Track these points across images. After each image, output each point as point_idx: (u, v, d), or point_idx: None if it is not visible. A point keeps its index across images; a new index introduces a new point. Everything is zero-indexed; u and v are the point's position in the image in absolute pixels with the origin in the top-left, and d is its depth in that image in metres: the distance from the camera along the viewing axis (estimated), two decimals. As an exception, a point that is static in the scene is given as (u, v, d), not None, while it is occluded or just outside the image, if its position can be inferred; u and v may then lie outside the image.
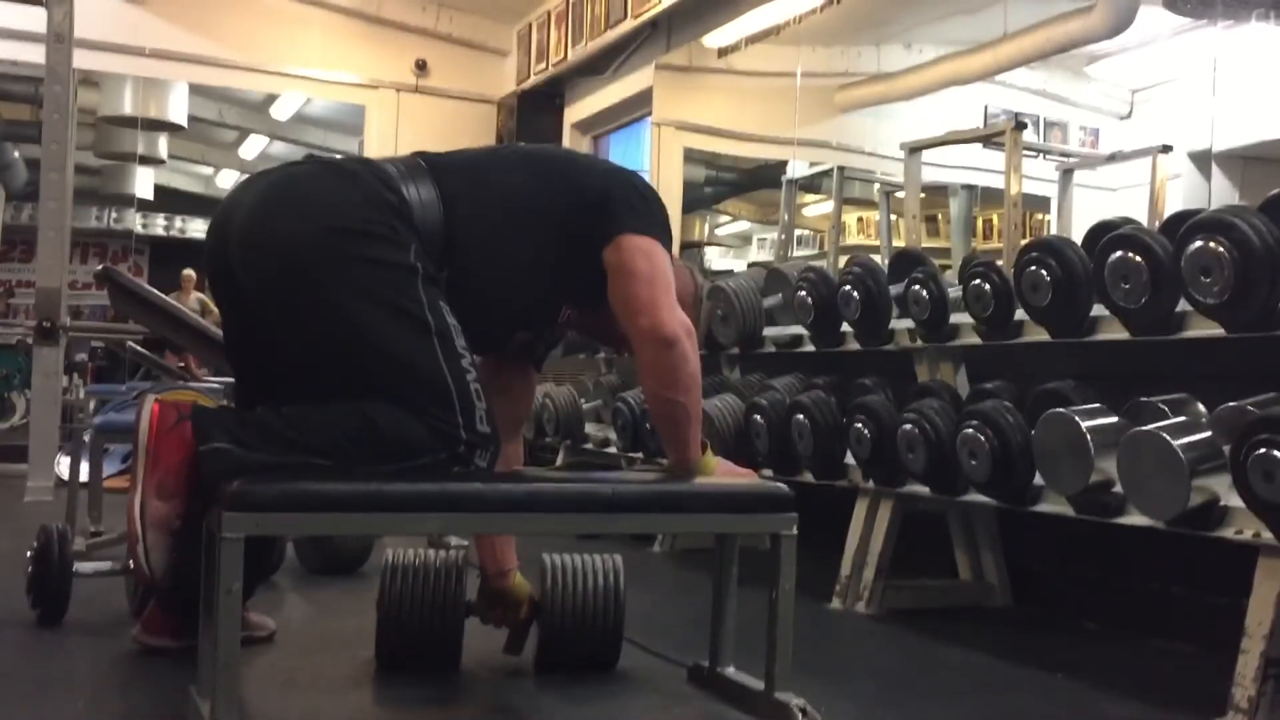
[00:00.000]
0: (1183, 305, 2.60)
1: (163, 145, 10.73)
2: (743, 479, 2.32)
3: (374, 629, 2.43)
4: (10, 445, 6.54)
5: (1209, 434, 2.45)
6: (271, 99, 9.92)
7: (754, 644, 2.17)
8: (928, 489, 3.12)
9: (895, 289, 3.45)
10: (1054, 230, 5.57)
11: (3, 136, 10.59)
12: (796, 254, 6.70)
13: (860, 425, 3.24)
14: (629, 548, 4.11)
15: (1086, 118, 6.30)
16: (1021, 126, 4.89)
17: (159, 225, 12.07)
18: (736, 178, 8.04)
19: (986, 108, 6.11)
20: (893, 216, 6.24)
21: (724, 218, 8.38)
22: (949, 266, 4.61)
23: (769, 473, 3.54)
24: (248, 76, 8.34)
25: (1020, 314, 3.01)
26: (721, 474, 2.33)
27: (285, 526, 2.25)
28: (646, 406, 3.04)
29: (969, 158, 5.81)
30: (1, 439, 7.62)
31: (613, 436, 4.67)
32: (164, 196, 11.55)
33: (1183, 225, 2.54)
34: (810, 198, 7.11)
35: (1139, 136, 5.73)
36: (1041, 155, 5.78)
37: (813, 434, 3.41)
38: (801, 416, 3.45)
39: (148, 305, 3.20)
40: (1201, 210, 2.69)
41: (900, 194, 5.75)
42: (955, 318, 3.27)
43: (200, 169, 12.46)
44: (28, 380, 6.58)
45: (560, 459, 5.06)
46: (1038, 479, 2.77)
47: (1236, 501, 2.32)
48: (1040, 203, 5.75)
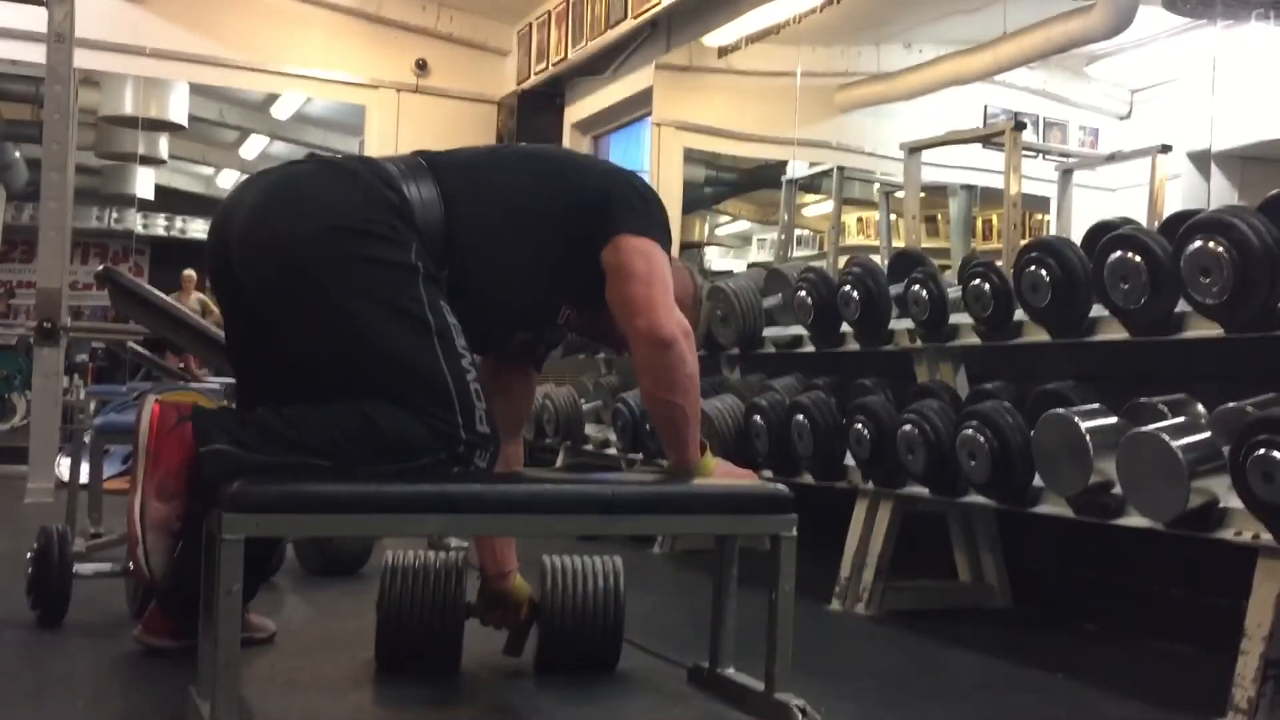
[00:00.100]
0: (1182, 305, 2.60)
1: (163, 145, 10.73)
2: (742, 480, 2.33)
3: (374, 630, 2.43)
4: (11, 446, 6.55)
5: (1208, 435, 2.45)
6: (272, 99, 9.92)
7: (754, 644, 2.17)
8: (927, 490, 3.12)
9: (895, 289, 3.45)
10: (1053, 230, 5.58)
11: (3, 136, 10.59)
12: (796, 254, 6.70)
13: (860, 426, 3.24)
14: (629, 549, 4.11)
15: (1086, 118, 6.30)
16: (1021, 126, 4.89)
17: (159, 225, 12.08)
18: (736, 178, 8.04)
19: (986, 108, 6.11)
20: (892, 216, 6.24)
21: (724, 218, 8.38)
22: (949, 267, 4.61)
23: (769, 474, 3.54)
24: (248, 76, 8.34)
25: (1020, 314, 3.01)
26: (721, 475, 2.33)
27: (285, 528, 2.25)
28: (645, 408, 3.04)
29: (969, 158, 5.81)
30: (2, 440, 7.64)
31: (613, 438, 4.67)
32: (165, 196, 11.56)
33: (1182, 225, 2.54)
34: (810, 198, 7.11)
35: (1138, 136, 5.74)
36: (1041, 155, 5.78)
37: (812, 435, 3.41)
38: (801, 417, 3.45)
39: (148, 306, 3.20)
40: (1201, 210, 2.69)
41: (900, 194, 5.76)
42: (955, 318, 3.27)
43: (201, 169, 12.47)
44: (28, 381, 6.58)
45: (560, 460, 5.06)
46: (1037, 480, 2.77)
47: (1236, 503, 2.32)
48: (1040, 203, 5.75)
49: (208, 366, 5.61)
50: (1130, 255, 2.61)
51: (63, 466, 5.41)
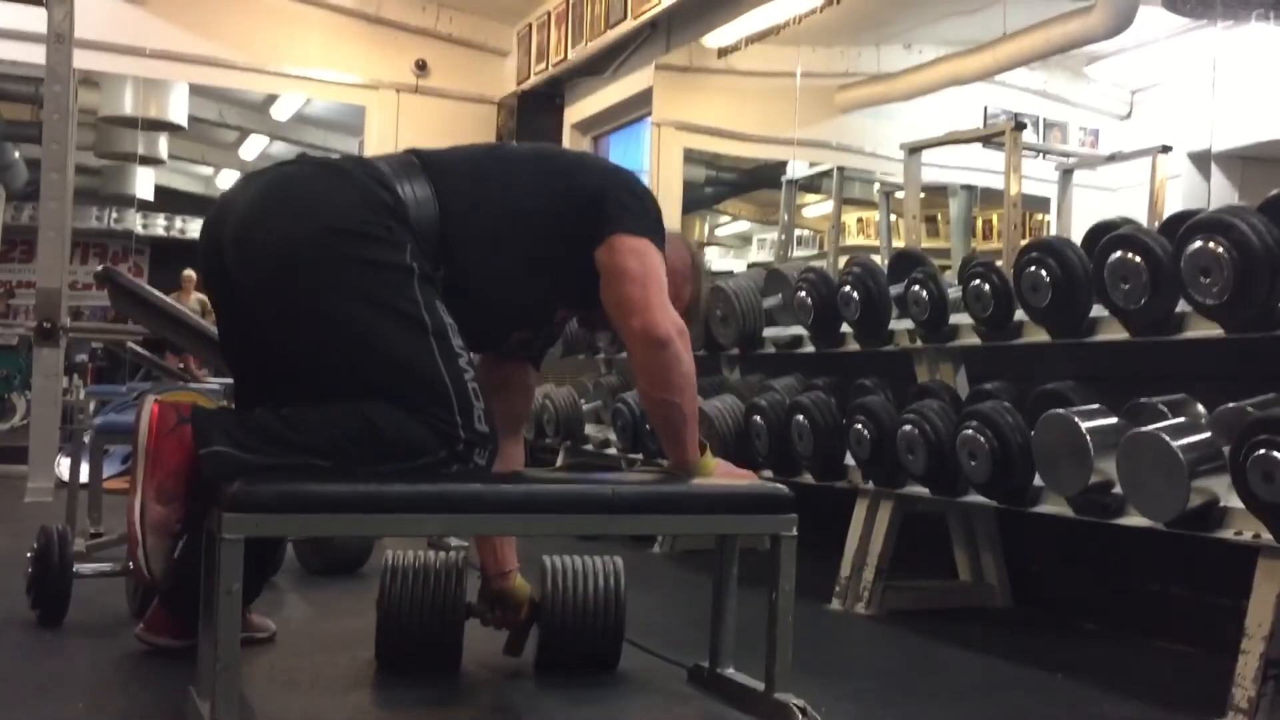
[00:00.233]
0: (1182, 306, 2.60)
1: (163, 145, 10.74)
2: (742, 480, 2.33)
3: (374, 630, 2.43)
4: (11, 446, 6.55)
5: (1208, 435, 2.45)
6: (272, 99, 9.92)
7: (754, 644, 2.17)
8: (927, 490, 3.12)
9: (895, 289, 3.45)
10: (1054, 230, 5.58)
11: (3, 136, 10.60)
12: (796, 254, 6.71)
13: (860, 426, 3.24)
14: (629, 549, 4.11)
15: (1086, 118, 6.31)
16: (1021, 127, 4.89)
17: (159, 225, 12.08)
18: (736, 178, 8.04)
19: (986, 108, 6.12)
20: (892, 217, 6.24)
21: (724, 218, 8.39)
22: (949, 267, 4.61)
23: (769, 473, 3.54)
24: (248, 77, 8.33)
25: (1020, 314, 3.01)
26: (721, 475, 2.33)
27: (285, 528, 2.25)
28: (643, 408, 3.04)
29: (969, 158, 5.81)
30: (2, 440, 7.64)
31: (613, 437, 4.67)
32: (164, 197, 11.57)
33: (1182, 225, 2.54)
34: (810, 198, 7.11)
35: (1138, 136, 5.74)
36: (1041, 155, 5.78)
37: (813, 435, 3.41)
38: (801, 417, 3.45)
39: (148, 306, 3.20)
40: (1201, 210, 2.69)
41: (900, 194, 5.75)
42: (955, 318, 3.27)
43: (200, 169, 12.47)
44: (28, 381, 6.58)
45: (560, 460, 5.06)
46: (1037, 480, 2.77)
47: (1236, 502, 2.32)
48: (1040, 203, 5.75)
49: (208, 366, 5.61)
50: (1130, 255, 2.61)
51: (63, 466, 5.41)
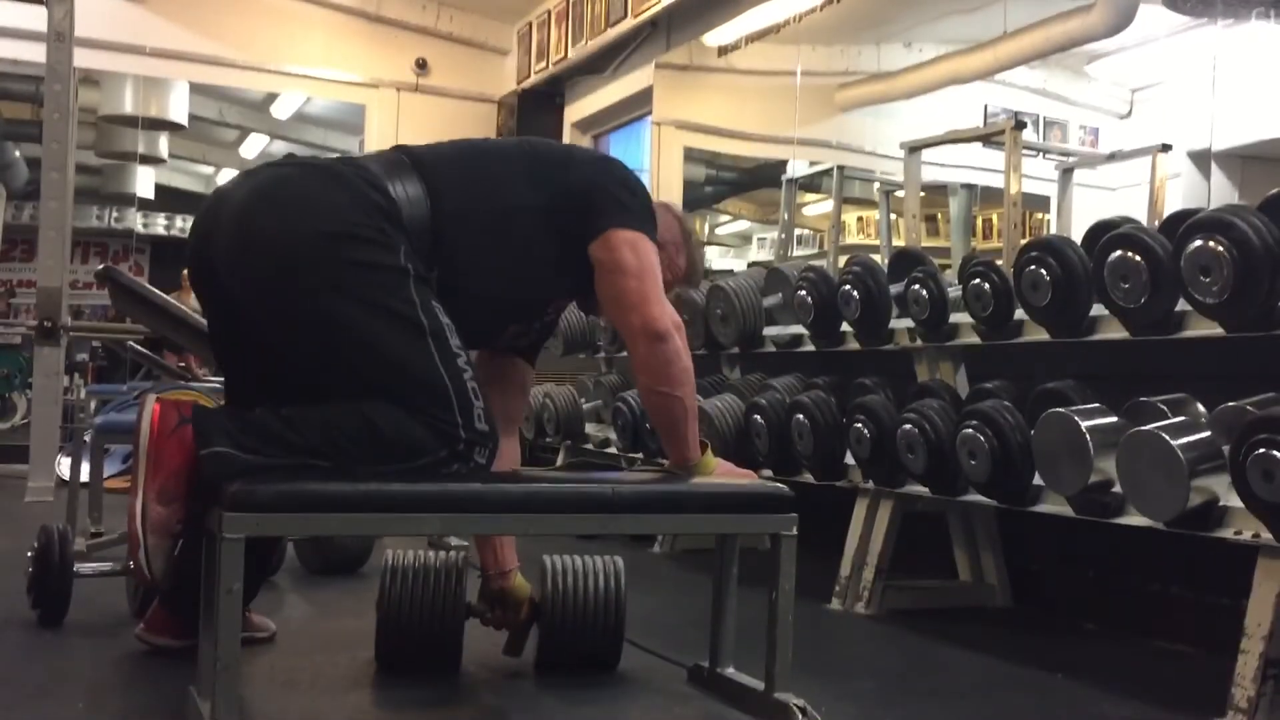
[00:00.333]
0: (1182, 305, 2.60)
1: (163, 144, 10.72)
2: (743, 479, 2.33)
3: (374, 630, 2.43)
4: (11, 445, 6.55)
5: (1208, 434, 2.45)
6: (272, 98, 9.91)
7: (754, 644, 2.17)
8: (927, 489, 3.12)
9: (895, 289, 3.45)
10: (1054, 230, 5.57)
11: (3, 136, 10.58)
12: (796, 253, 6.70)
13: (860, 425, 3.24)
14: (629, 548, 4.12)
15: (1086, 117, 6.30)
16: (1021, 126, 4.89)
17: (160, 225, 12.06)
18: (736, 177, 8.04)
19: (986, 107, 6.11)
20: (893, 216, 6.24)
21: (724, 217, 8.38)
22: (949, 266, 4.61)
23: (769, 473, 3.54)
24: (248, 75, 8.34)
25: (1020, 314, 3.01)
26: (722, 474, 2.33)
27: (286, 527, 2.25)
28: (643, 404, 3.05)
29: (969, 157, 5.81)
30: (2, 439, 7.64)
31: (613, 437, 4.67)
32: (165, 196, 11.54)
33: (1182, 225, 2.54)
34: (810, 197, 7.11)
35: (1139, 136, 5.73)
36: (1041, 154, 5.78)
37: (813, 434, 3.41)
38: (801, 416, 3.45)
39: (148, 305, 3.20)
40: (1201, 210, 2.69)
41: (900, 193, 5.75)
42: (955, 317, 3.27)
43: (201, 168, 12.45)
44: (29, 380, 6.58)
45: (560, 459, 5.06)
46: (1037, 479, 2.77)
47: (1236, 502, 2.32)
48: (1040, 202, 5.75)
49: (208, 366, 5.61)
50: (1130, 254, 2.61)
51: (63, 466, 5.42)
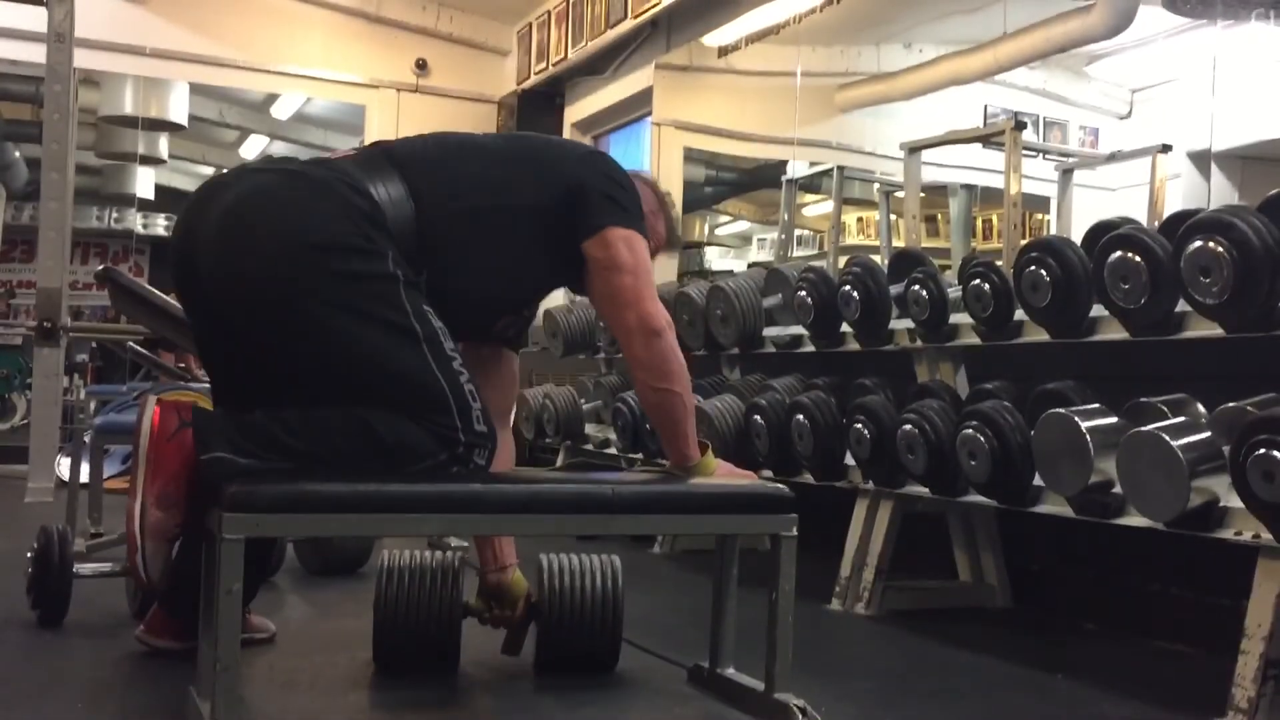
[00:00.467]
0: (1182, 305, 2.60)
1: (163, 145, 10.71)
2: (743, 480, 2.33)
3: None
4: (11, 446, 6.55)
5: (1208, 434, 2.45)
6: (272, 99, 9.91)
7: (754, 644, 2.17)
8: (927, 490, 3.12)
9: (895, 289, 3.45)
10: (1053, 230, 5.57)
11: (3, 136, 10.58)
12: (796, 254, 6.70)
13: (860, 426, 3.24)
14: (629, 549, 4.11)
15: (1086, 117, 6.31)
16: (1021, 126, 4.90)
17: (160, 225, 12.05)
18: (736, 178, 8.04)
19: (986, 107, 6.12)
20: (892, 216, 6.24)
21: (724, 218, 8.38)
22: (949, 266, 4.61)
23: (769, 473, 3.54)
24: (248, 76, 8.34)
25: (1020, 314, 3.01)
26: (722, 475, 2.33)
27: (285, 528, 2.25)
28: (641, 404, 3.05)
29: (969, 158, 5.81)
30: (2, 439, 7.64)
31: (613, 437, 4.66)
32: (165, 196, 11.53)
33: (1182, 225, 2.54)
34: (810, 198, 7.11)
35: (1139, 136, 5.74)
36: (1041, 155, 5.78)
37: (813, 434, 3.41)
38: (801, 417, 3.45)
39: (148, 305, 3.20)
40: (1201, 210, 2.69)
41: (900, 194, 5.75)
42: (955, 318, 3.27)
43: (201, 169, 12.43)
44: (28, 381, 6.57)
45: (560, 460, 5.06)
46: (1037, 480, 2.77)
47: (1236, 502, 2.32)
48: (1040, 203, 5.76)
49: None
50: (1130, 255, 2.61)
51: (63, 466, 5.41)
